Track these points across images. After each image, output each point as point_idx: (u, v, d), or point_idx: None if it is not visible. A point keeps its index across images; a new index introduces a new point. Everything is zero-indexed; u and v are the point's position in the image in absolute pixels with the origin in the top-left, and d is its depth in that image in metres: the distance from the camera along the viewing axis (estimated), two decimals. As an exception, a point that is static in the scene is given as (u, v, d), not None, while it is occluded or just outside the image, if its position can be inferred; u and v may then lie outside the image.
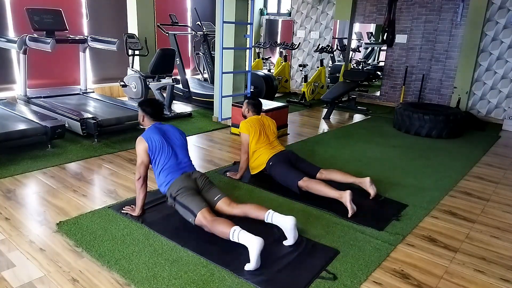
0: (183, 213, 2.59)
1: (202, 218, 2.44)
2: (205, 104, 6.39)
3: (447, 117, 5.28)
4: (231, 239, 2.28)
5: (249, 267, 2.17)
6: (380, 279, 2.21)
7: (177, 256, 2.32)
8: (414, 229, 2.81)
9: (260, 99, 3.92)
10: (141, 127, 3.03)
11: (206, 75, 7.38)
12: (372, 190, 3.18)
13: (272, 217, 2.52)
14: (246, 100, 3.73)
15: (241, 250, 2.37)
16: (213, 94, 5.96)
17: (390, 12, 5.88)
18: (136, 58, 6.58)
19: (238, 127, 4.49)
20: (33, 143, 4.02)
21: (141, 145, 2.74)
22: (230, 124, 5.28)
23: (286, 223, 2.45)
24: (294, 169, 3.31)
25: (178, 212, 2.66)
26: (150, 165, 2.79)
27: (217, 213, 2.60)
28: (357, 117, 6.57)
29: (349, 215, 2.87)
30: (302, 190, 3.16)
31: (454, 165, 4.23)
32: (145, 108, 2.87)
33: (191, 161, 2.91)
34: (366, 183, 3.21)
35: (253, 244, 2.17)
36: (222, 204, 2.68)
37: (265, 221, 2.55)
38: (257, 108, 3.66)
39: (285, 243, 2.47)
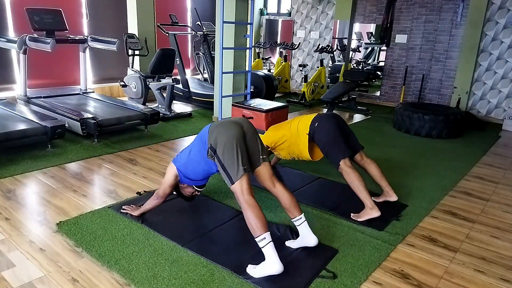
0: (220, 171, 2.32)
1: (239, 191, 2.21)
2: (205, 104, 6.39)
3: (447, 117, 5.28)
4: (255, 239, 2.13)
5: (251, 271, 2.14)
6: (380, 279, 2.21)
7: (177, 256, 2.32)
8: (414, 229, 2.81)
9: (260, 99, 3.91)
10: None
11: (206, 75, 7.38)
12: (386, 199, 3.14)
13: (302, 224, 2.42)
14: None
15: (242, 250, 2.37)
16: (213, 94, 5.96)
17: (389, 12, 5.89)
18: (136, 58, 6.58)
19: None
20: (33, 143, 4.02)
21: (171, 170, 2.66)
22: (230, 124, 5.27)
23: (309, 240, 2.41)
24: (341, 139, 2.98)
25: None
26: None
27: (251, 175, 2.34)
28: (357, 117, 6.57)
29: (352, 216, 2.87)
30: (338, 169, 2.95)
31: (454, 165, 4.23)
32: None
33: None
34: (390, 198, 3.12)
35: (273, 267, 2.09)
36: (265, 171, 2.42)
37: (292, 220, 2.46)
38: None
39: (287, 243, 2.47)
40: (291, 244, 2.47)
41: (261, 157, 2.42)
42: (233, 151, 2.25)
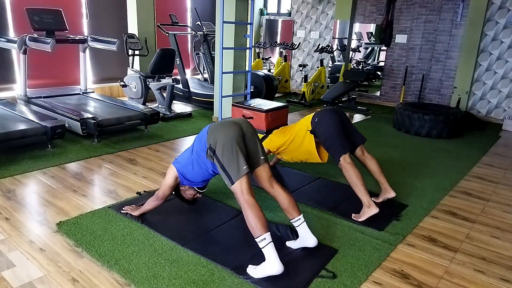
0: (220, 172, 2.30)
1: (239, 191, 2.20)
2: (205, 104, 6.39)
3: (447, 117, 5.28)
4: (255, 239, 2.12)
5: (251, 271, 2.14)
6: (380, 279, 2.21)
7: (177, 256, 2.32)
8: (414, 229, 2.81)
9: (260, 99, 3.90)
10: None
11: (206, 75, 7.38)
12: (387, 197, 3.14)
13: (301, 225, 2.41)
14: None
15: (242, 250, 2.37)
16: (213, 94, 5.96)
17: (389, 12, 5.89)
18: (136, 58, 6.58)
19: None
20: (33, 143, 4.02)
21: (171, 172, 2.66)
22: (230, 124, 5.27)
23: (309, 242, 2.40)
24: (342, 132, 2.96)
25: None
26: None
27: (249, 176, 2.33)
28: (357, 117, 6.57)
29: (353, 216, 2.87)
30: (337, 165, 2.93)
31: (454, 165, 4.23)
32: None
33: None
34: (389, 194, 3.11)
35: (273, 267, 2.07)
36: (263, 172, 2.41)
37: (291, 221, 2.45)
38: None
39: (288, 244, 2.47)
40: (291, 244, 2.47)
41: (260, 157, 2.41)
42: (233, 151, 2.24)
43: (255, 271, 2.13)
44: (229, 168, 2.23)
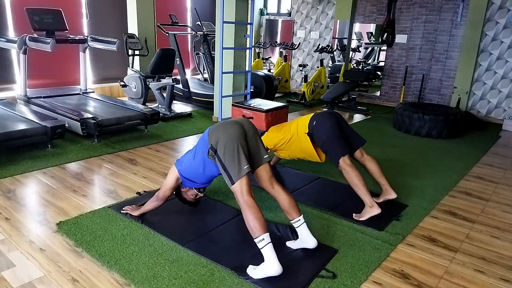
0: (221, 171, 2.30)
1: (239, 191, 2.19)
2: (205, 104, 6.39)
3: (447, 117, 5.28)
4: (254, 240, 2.12)
5: (251, 272, 2.14)
6: (380, 279, 2.21)
7: (177, 256, 2.32)
8: (414, 229, 2.81)
9: (260, 99, 3.90)
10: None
11: (206, 75, 7.38)
12: (386, 198, 3.12)
13: (301, 226, 2.40)
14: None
15: (242, 250, 2.37)
16: (213, 94, 5.96)
17: (390, 12, 5.89)
18: (136, 58, 6.58)
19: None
20: (33, 143, 4.02)
21: (173, 173, 2.65)
22: (230, 124, 5.27)
23: (308, 243, 2.40)
24: (340, 136, 2.98)
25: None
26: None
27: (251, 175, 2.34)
28: (357, 117, 6.57)
29: (354, 216, 2.87)
30: (337, 167, 2.95)
31: (454, 165, 4.23)
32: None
33: None
34: (390, 195, 3.10)
35: (271, 268, 2.07)
36: (264, 172, 2.41)
37: (290, 222, 2.45)
38: None
39: (288, 244, 2.47)
40: (291, 244, 2.47)
41: (262, 157, 2.41)
42: (234, 151, 2.23)
43: (255, 272, 2.13)
44: (230, 168, 2.23)
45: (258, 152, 2.41)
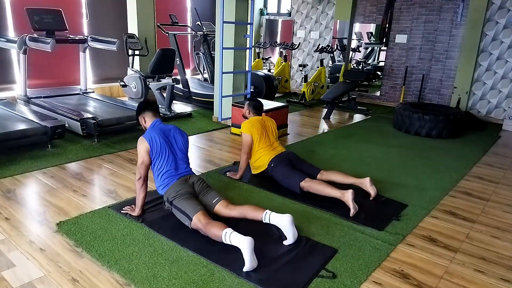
0: (180, 217, 2.60)
1: (197, 221, 2.45)
2: (205, 104, 6.39)
3: (447, 117, 5.28)
4: (224, 242, 2.29)
5: (246, 268, 2.17)
6: (380, 279, 2.21)
7: (177, 256, 2.32)
8: (414, 229, 2.81)
9: (260, 99, 3.92)
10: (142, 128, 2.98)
11: (206, 75, 7.38)
12: (372, 191, 3.17)
13: (270, 217, 2.53)
14: (247, 101, 3.73)
15: (241, 250, 2.36)
16: (213, 94, 5.96)
17: (387, 12, 5.89)
18: (136, 58, 6.58)
19: (238, 127, 4.50)
20: (33, 143, 4.02)
21: (142, 146, 2.71)
22: (230, 124, 5.28)
23: (284, 222, 2.47)
24: (295, 170, 3.31)
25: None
26: (150, 166, 2.78)
27: (216, 217, 2.60)
28: (357, 117, 6.57)
29: (351, 214, 2.87)
30: (304, 190, 3.16)
31: (454, 165, 4.23)
32: (142, 108, 2.88)
33: (189, 164, 2.89)
34: (366, 183, 3.20)
35: (244, 244, 2.18)
36: (220, 207, 2.68)
37: (263, 221, 2.55)
38: (258, 110, 3.67)
39: (285, 242, 2.48)
40: (287, 241, 2.48)
41: (214, 200, 2.70)
42: (188, 199, 2.59)
43: (246, 265, 2.17)
44: (187, 209, 2.53)
45: (211, 198, 2.72)
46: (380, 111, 7.08)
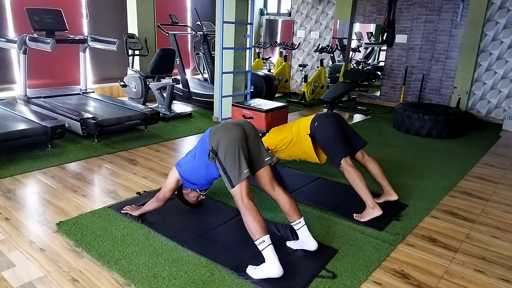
0: (221, 174, 2.31)
1: (238, 195, 2.20)
2: (205, 104, 6.39)
3: (447, 117, 5.28)
4: (255, 242, 2.12)
5: (250, 272, 2.14)
6: (380, 279, 2.21)
7: (177, 256, 2.32)
8: (414, 229, 2.81)
9: (260, 99, 3.90)
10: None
11: (206, 75, 7.38)
12: (386, 199, 3.11)
13: (301, 228, 2.39)
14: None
15: (242, 250, 2.37)
16: (213, 94, 5.96)
17: (390, 12, 5.89)
18: (136, 58, 6.58)
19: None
20: (33, 143, 4.02)
21: (173, 175, 2.63)
22: (230, 124, 5.28)
23: (309, 245, 2.39)
24: (342, 137, 3.00)
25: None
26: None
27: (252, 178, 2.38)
28: (357, 117, 6.57)
29: (355, 216, 2.86)
30: (339, 168, 2.96)
31: (454, 165, 4.23)
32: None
33: None
34: (391, 197, 3.10)
35: (272, 270, 2.07)
36: (265, 174, 2.41)
37: (291, 224, 2.44)
38: None
39: (288, 244, 2.47)
40: (291, 244, 2.47)
41: (263, 160, 2.41)
42: (235, 155, 2.23)
43: (255, 272, 2.13)
44: (230, 171, 2.23)
45: (259, 155, 2.40)
46: (380, 111, 7.08)
